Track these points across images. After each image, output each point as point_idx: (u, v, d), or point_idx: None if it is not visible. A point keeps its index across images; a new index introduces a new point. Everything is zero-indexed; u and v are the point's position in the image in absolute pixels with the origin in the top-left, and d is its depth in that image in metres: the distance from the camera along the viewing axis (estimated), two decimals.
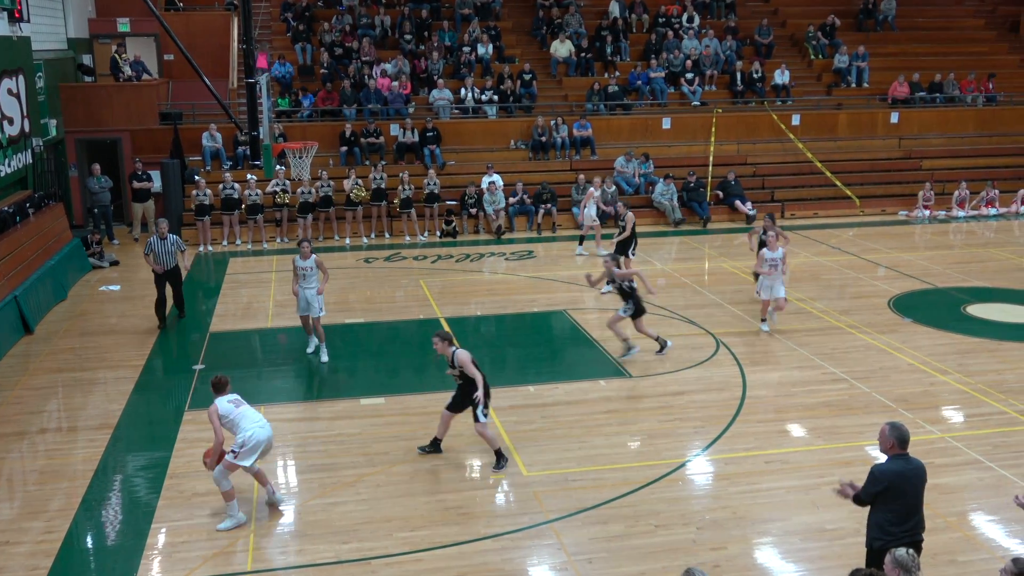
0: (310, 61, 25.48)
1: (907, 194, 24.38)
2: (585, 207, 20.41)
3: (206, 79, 17.10)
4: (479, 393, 9.80)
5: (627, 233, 18.07)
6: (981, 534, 8.77)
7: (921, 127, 26.57)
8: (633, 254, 18.13)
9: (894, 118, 26.37)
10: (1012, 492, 9.45)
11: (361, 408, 11.88)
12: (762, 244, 14.75)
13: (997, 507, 9.25)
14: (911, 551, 6.05)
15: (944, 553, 8.27)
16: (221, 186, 21.15)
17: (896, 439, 6.93)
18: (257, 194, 21.23)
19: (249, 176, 21.44)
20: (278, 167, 20.63)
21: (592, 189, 20.62)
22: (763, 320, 14.67)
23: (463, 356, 9.97)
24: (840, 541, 8.54)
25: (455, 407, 10.25)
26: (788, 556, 8.44)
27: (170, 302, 15.56)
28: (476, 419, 9.97)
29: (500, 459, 10.10)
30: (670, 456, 10.35)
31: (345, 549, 8.55)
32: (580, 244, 20.39)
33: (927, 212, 23.68)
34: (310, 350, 14.02)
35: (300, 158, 17.08)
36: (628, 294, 13.29)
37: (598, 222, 20.41)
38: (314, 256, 13.55)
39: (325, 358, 13.65)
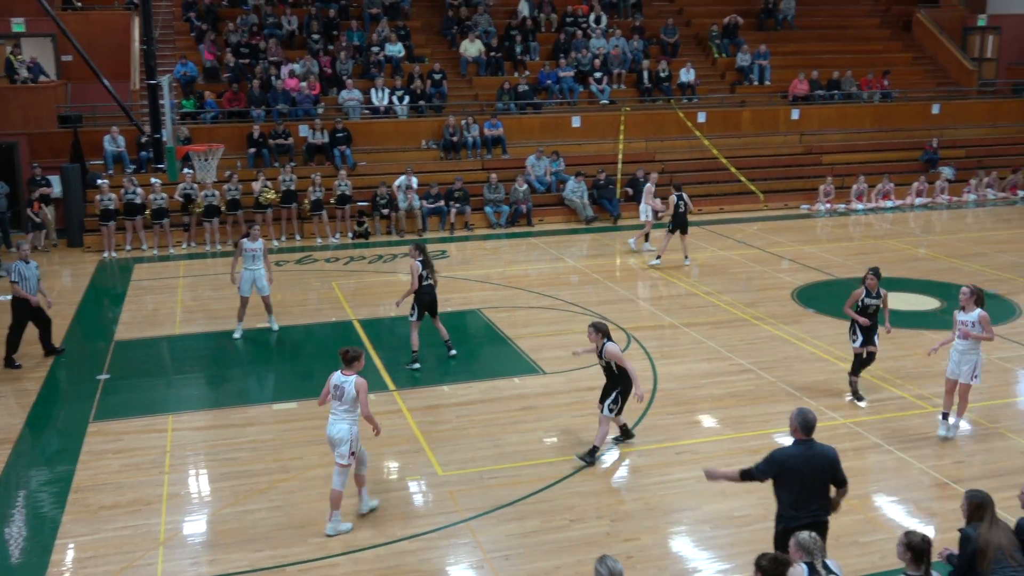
0: (216, 62, 24.97)
1: (808, 188, 25.09)
2: (645, 202, 20.28)
3: (105, 81, 16.65)
4: (637, 388, 9.83)
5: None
6: (882, 515, 9.10)
7: (821, 123, 27.38)
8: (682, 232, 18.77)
9: (795, 115, 27.12)
10: (911, 474, 9.84)
11: (274, 413, 11.72)
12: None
13: (897, 488, 9.61)
14: (813, 534, 6.26)
15: (847, 535, 8.55)
16: (124, 190, 20.57)
17: (798, 424, 7.15)
18: (163, 198, 20.72)
19: (153, 180, 20.91)
20: (185, 170, 20.19)
21: (649, 185, 20.36)
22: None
23: (612, 349, 9.96)
24: (749, 527, 8.77)
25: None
26: (699, 544, 8.63)
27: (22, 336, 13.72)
28: (601, 409, 10.09)
29: (592, 454, 10.06)
30: (584, 451, 10.45)
31: (259, 557, 8.43)
32: (646, 239, 20.31)
33: (828, 206, 24.43)
34: (237, 335, 14.51)
35: (206, 160, 16.76)
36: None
37: (651, 219, 20.22)
38: (262, 240, 14.54)
39: (276, 327, 14.72)
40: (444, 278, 17.98)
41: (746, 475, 7.28)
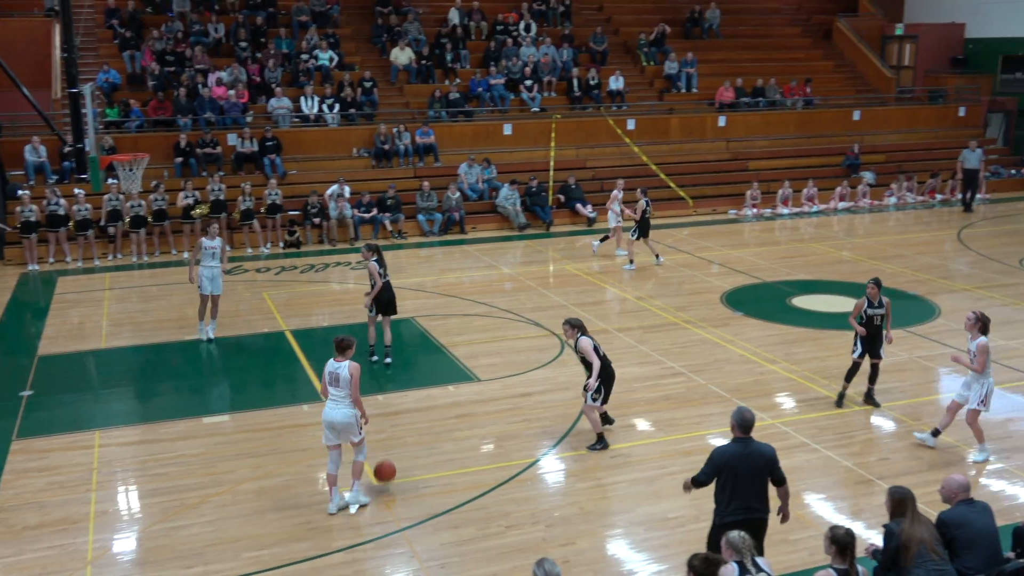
0: (139, 69, 24.48)
1: (735, 194, 25.56)
2: (609, 209, 20.29)
3: (25, 89, 16.20)
4: (591, 380, 10.36)
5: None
6: (810, 513, 9.31)
7: (747, 130, 27.93)
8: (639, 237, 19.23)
9: (722, 121, 27.62)
10: (838, 472, 10.09)
11: (204, 427, 11.52)
12: None
13: (824, 486, 9.84)
14: (743, 533, 6.38)
15: (777, 533, 8.68)
16: (46, 201, 20.03)
17: (736, 422, 7.31)
18: (86, 209, 20.22)
19: (77, 191, 20.39)
20: (109, 181, 19.74)
21: (616, 192, 20.36)
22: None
23: (585, 343, 10.51)
24: (682, 528, 8.89)
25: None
26: (634, 546, 8.72)
27: None
28: (584, 399, 10.60)
29: (599, 442, 10.62)
30: (519, 457, 10.51)
31: (191, 574, 8.27)
32: (617, 245, 20.48)
33: (754, 210, 24.91)
34: (206, 336, 14.70)
35: (130, 170, 16.42)
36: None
37: (621, 223, 20.30)
38: (220, 238, 14.92)
39: (211, 336, 14.76)
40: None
41: (696, 483, 7.39)
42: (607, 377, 10.59)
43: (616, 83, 27.35)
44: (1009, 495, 9.65)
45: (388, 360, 13.59)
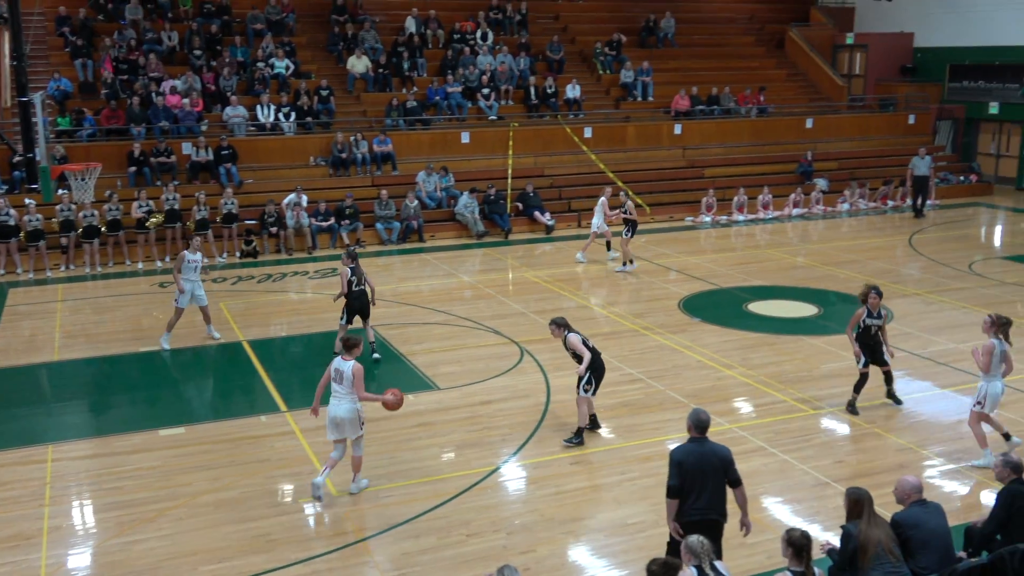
0: (92, 78, 24.15)
1: (692, 201, 25.81)
2: (595, 216, 20.47)
3: None
4: (581, 368, 10.71)
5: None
6: (768, 516, 9.41)
7: (702, 138, 28.22)
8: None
9: (677, 129, 27.89)
10: (794, 475, 10.22)
11: (160, 439, 11.37)
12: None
13: (781, 489, 9.95)
14: (701, 538, 6.44)
15: (734, 537, 8.74)
16: None
17: (692, 423, 7.38)
18: (38, 219, 19.87)
19: (27, 201, 20.04)
20: (60, 191, 19.42)
21: (603, 199, 20.47)
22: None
23: (573, 339, 10.92)
24: (642, 534, 8.94)
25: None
26: (594, 552, 8.76)
27: None
28: (578, 391, 10.91)
29: (577, 436, 10.93)
30: (479, 465, 10.50)
31: None
32: (608, 248, 20.90)
33: (710, 217, 25.16)
34: (167, 345, 14.78)
35: (83, 180, 16.18)
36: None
37: (607, 229, 20.48)
38: (200, 252, 15.06)
39: (217, 335, 15.12)
40: (336, 295, 17.83)
41: (673, 492, 7.33)
42: (596, 368, 10.93)
43: (573, 91, 27.52)
44: (960, 495, 9.84)
45: (376, 356, 14.06)
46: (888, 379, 12.06)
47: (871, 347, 11.77)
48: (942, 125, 31.65)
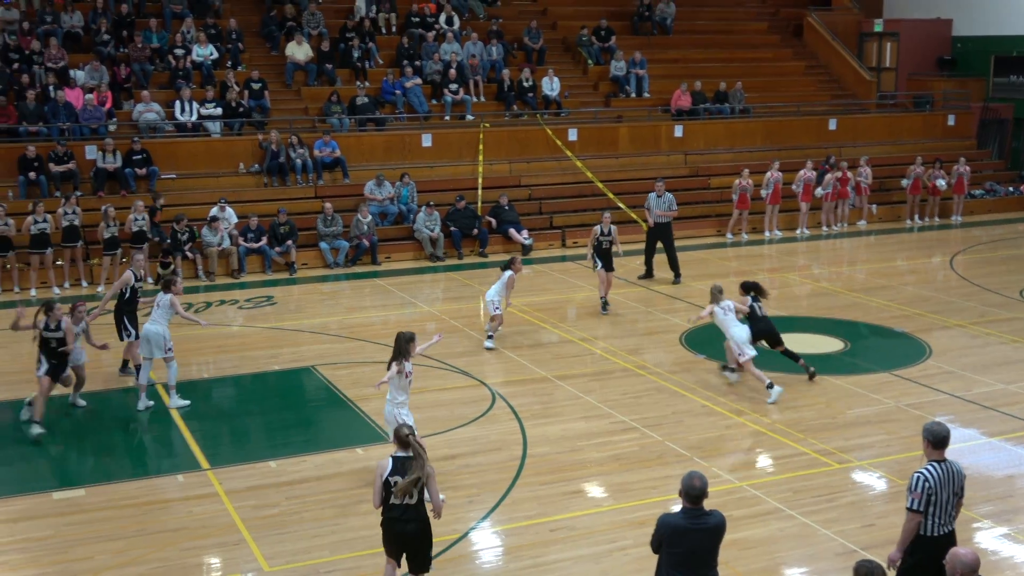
0: None
1: (697, 216, 25.89)
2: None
3: None
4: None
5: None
6: None
7: (707, 141, 28.43)
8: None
9: (678, 131, 28.09)
10: (816, 541, 10.22)
11: (54, 504, 11.20)
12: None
13: (802, 559, 9.95)
14: None
15: None
16: None
17: (683, 490, 7.34)
18: None
19: None
20: None
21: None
22: None
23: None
24: None
25: None
26: None
27: None
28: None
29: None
30: (442, 532, 10.39)
31: None
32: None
33: (746, 236, 25.31)
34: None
35: None
36: None
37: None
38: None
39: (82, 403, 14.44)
40: (271, 329, 17.74)
41: (652, 548, 7.53)
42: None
43: (552, 86, 27.62)
44: (1014, 563, 9.87)
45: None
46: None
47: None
48: (987, 127, 31.99)
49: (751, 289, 14.98)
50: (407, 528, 8.43)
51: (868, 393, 14.29)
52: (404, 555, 8.58)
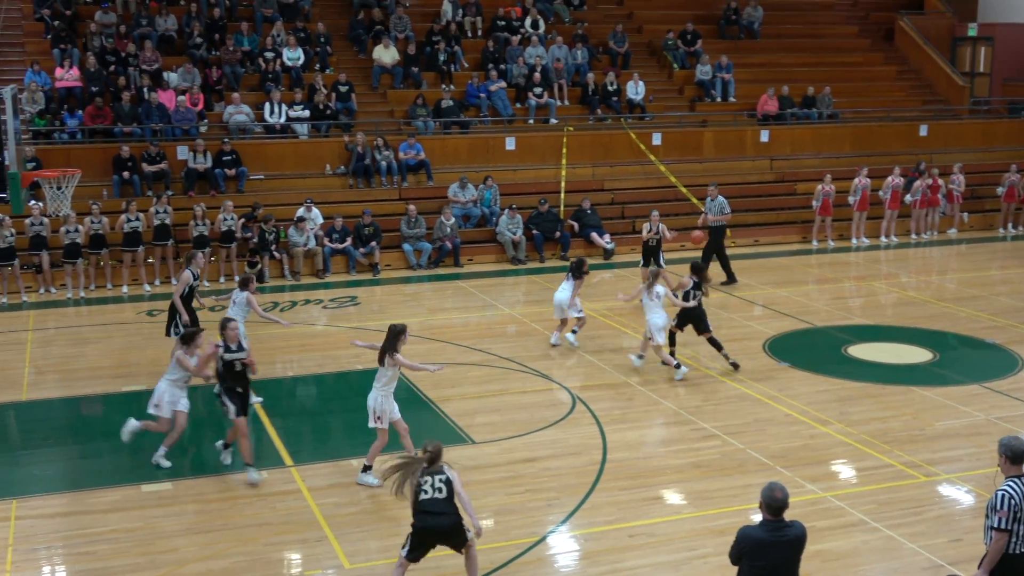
0: (78, 67, 24.66)
1: (783, 222, 25.62)
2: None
3: None
4: None
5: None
6: None
7: (793, 147, 28.07)
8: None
9: (764, 136, 27.79)
10: (902, 555, 10.03)
11: (143, 496, 11.46)
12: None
13: (886, 573, 9.76)
14: None
15: None
16: None
17: (764, 502, 7.24)
18: (11, 234, 20.20)
19: None
20: (32, 202, 19.79)
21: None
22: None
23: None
24: None
25: None
26: None
27: None
28: None
29: None
30: (520, 535, 10.44)
31: None
32: None
33: (832, 243, 24.93)
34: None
35: (59, 189, 16.48)
36: None
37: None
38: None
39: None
40: (353, 329, 17.93)
41: (731, 560, 7.46)
42: None
43: (634, 90, 27.51)
44: None
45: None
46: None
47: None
48: None
49: (697, 272, 15.44)
50: (440, 521, 8.80)
51: (957, 405, 13.98)
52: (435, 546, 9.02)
